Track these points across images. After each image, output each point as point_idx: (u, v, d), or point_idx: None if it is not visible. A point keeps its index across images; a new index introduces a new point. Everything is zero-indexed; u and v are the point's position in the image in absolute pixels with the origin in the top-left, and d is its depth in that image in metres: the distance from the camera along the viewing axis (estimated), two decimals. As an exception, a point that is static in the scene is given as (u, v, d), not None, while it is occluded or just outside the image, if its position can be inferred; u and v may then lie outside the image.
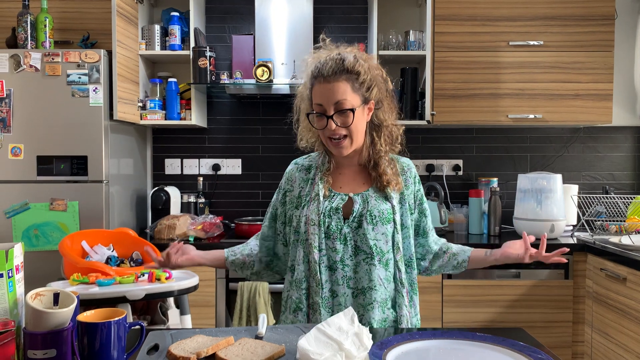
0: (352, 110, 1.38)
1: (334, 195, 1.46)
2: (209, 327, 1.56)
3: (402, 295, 1.44)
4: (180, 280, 1.87)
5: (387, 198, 1.46)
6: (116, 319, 1.01)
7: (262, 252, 1.57)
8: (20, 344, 1.00)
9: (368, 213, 1.42)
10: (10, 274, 0.99)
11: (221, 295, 2.65)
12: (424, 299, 2.62)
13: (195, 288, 1.89)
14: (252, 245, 1.59)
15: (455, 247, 1.58)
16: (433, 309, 2.62)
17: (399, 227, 1.46)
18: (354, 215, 1.43)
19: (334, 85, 1.37)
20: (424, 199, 1.57)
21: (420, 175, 3.19)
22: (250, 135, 3.25)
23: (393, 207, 1.45)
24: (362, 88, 1.40)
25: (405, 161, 1.59)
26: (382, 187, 1.47)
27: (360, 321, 1.40)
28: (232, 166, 3.26)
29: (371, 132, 1.48)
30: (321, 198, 1.44)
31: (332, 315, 1.33)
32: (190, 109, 2.95)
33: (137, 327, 1.09)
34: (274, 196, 1.59)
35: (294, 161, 1.58)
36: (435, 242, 1.59)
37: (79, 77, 2.53)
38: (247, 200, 3.25)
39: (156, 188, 3.00)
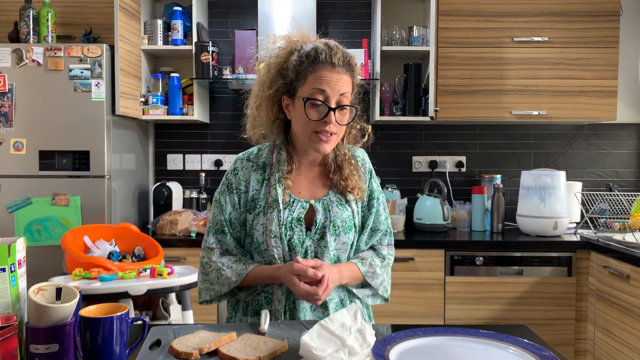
0: (355, 107, 1.31)
1: (293, 202, 1.34)
2: (211, 323, 1.56)
3: (354, 294, 1.39)
4: (182, 275, 1.87)
5: (347, 202, 1.37)
6: (118, 314, 1.01)
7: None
8: (22, 338, 0.99)
9: (331, 224, 1.33)
10: (12, 269, 0.99)
11: (223, 291, 2.65)
12: (426, 295, 2.62)
13: (197, 284, 1.89)
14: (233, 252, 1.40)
15: (361, 255, 1.41)
16: (435, 306, 2.61)
17: (359, 231, 1.40)
18: (316, 227, 1.33)
19: (342, 76, 1.27)
20: (375, 194, 1.43)
21: (423, 172, 3.24)
22: (252, 130, 3.24)
23: (353, 211, 1.38)
24: (354, 90, 1.33)
25: (360, 154, 1.46)
26: (343, 191, 1.37)
27: None
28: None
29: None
30: (281, 206, 1.31)
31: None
32: (192, 104, 2.94)
33: (140, 322, 1.09)
34: (219, 207, 1.37)
35: (241, 157, 1.41)
36: (378, 239, 1.44)
37: (81, 72, 2.53)
38: (249, 196, 3.24)
39: (158, 183, 2.99)
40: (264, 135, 1.42)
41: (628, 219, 2.75)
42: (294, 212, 1.33)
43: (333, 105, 1.26)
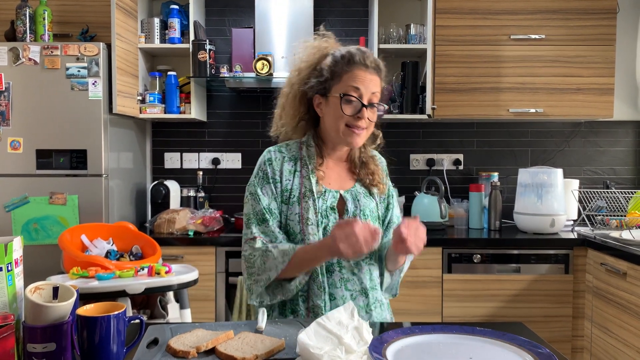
0: (384, 105, 1.42)
1: (325, 192, 1.41)
2: (209, 321, 1.56)
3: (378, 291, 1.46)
4: (179, 274, 1.87)
5: (371, 194, 1.47)
6: (116, 312, 1.01)
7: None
8: (19, 337, 0.99)
9: (361, 212, 1.42)
10: (9, 268, 0.99)
11: (221, 290, 2.65)
12: (424, 293, 2.62)
13: (195, 282, 1.89)
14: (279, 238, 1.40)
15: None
16: (433, 304, 2.62)
17: (380, 223, 1.48)
18: (348, 214, 1.41)
19: (373, 77, 1.39)
20: (391, 191, 1.54)
21: (420, 170, 3.24)
22: (250, 129, 3.24)
23: (377, 203, 1.47)
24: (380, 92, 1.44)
25: (376, 154, 1.57)
26: (367, 185, 1.47)
27: None
28: (231, 160, 3.25)
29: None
30: (315, 195, 1.39)
31: None
32: (189, 102, 2.94)
33: (137, 321, 1.09)
34: (256, 197, 1.39)
35: (273, 150, 1.46)
36: (386, 236, 1.52)
37: (78, 71, 2.52)
38: (247, 194, 3.24)
39: (156, 182, 2.99)
40: (288, 134, 1.51)
41: (625, 216, 2.76)
42: (327, 200, 1.40)
43: (366, 103, 1.37)
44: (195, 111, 2.95)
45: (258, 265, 1.35)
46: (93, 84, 2.53)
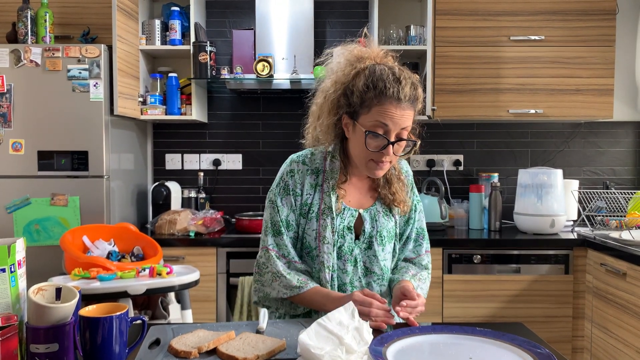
0: (414, 142, 1.32)
1: (344, 210, 1.37)
2: (210, 322, 1.56)
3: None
4: (181, 275, 1.88)
5: (391, 212, 1.43)
6: (118, 313, 1.02)
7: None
8: (22, 338, 1.00)
9: (378, 234, 1.39)
10: (12, 269, 0.99)
11: (222, 290, 2.66)
12: (424, 293, 2.62)
13: (196, 283, 1.90)
14: (296, 263, 1.40)
15: (403, 269, 1.47)
16: (433, 304, 2.62)
17: (399, 240, 1.46)
18: (364, 236, 1.39)
19: (406, 112, 1.27)
20: (417, 206, 1.49)
21: (421, 170, 3.25)
22: (250, 130, 3.25)
23: (396, 222, 1.44)
24: (414, 120, 1.33)
25: (404, 165, 1.52)
26: (388, 204, 1.42)
27: None
28: (232, 161, 3.26)
29: None
30: (334, 214, 1.35)
31: None
32: (190, 104, 2.94)
33: (139, 321, 1.09)
34: (275, 208, 1.38)
35: (296, 159, 1.41)
36: (413, 251, 1.50)
37: (80, 72, 2.53)
38: (247, 195, 3.26)
39: (157, 183, 3.00)
40: (319, 140, 1.40)
41: (625, 216, 2.76)
42: (345, 220, 1.37)
43: (392, 139, 1.27)
44: (196, 112, 2.96)
45: (266, 278, 1.39)
46: (94, 85, 2.54)
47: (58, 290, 1.03)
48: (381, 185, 1.42)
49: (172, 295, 1.96)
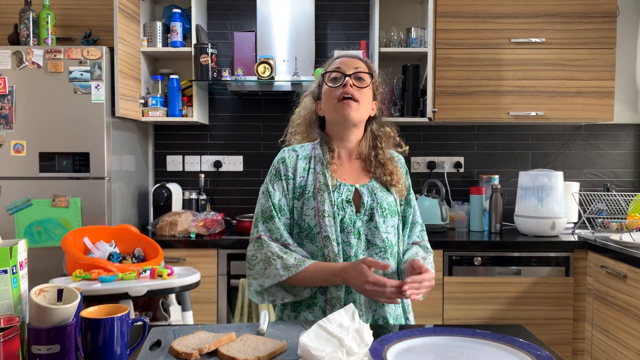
0: (370, 74, 1.45)
1: (340, 186, 1.41)
2: (211, 324, 1.57)
3: None
4: (181, 276, 1.88)
5: (388, 190, 1.46)
6: (119, 315, 1.02)
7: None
8: (24, 339, 1.00)
9: (378, 205, 1.41)
10: (14, 270, 1.00)
11: (222, 292, 2.66)
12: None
13: (197, 284, 1.90)
14: (290, 245, 1.39)
15: (413, 251, 1.48)
16: (434, 306, 2.62)
17: (401, 220, 1.48)
18: (365, 208, 1.40)
19: (357, 61, 1.46)
20: (411, 189, 1.55)
21: (421, 172, 3.25)
22: (251, 132, 3.25)
23: (395, 199, 1.46)
24: (373, 84, 1.48)
25: (396, 154, 1.57)
26: (384, 182, 1.46)
27: (374, 317, 1.40)
28: (233, 163, 3.26)
29: (374, 142, 1.49)
30: (331, 188, 1.39)
31: None
32: (191, 105, 2.95)
33: (140, 323, 1.10)
34: (267, 194, 1.41)
35: (287, 149, 1.48)
36: (419, 235, 1.53)
37: (81, 74, 2.54)
38: (248, 197, 3.26)
39: (158, 185, 3.00)
40: (304, 139, 1.55)
41: (625, 219, 2.77)
42: (342, 194, 1.40)
43: (348, 73, 1.42)
44: (197, 114, 2.96)
45: (258, 269, 1.37)
46: (96, 87, 2.54)
47: (60, 292, 1.03)
48: (374, 166, 1.47)
49: (173, 296, 1.96)
